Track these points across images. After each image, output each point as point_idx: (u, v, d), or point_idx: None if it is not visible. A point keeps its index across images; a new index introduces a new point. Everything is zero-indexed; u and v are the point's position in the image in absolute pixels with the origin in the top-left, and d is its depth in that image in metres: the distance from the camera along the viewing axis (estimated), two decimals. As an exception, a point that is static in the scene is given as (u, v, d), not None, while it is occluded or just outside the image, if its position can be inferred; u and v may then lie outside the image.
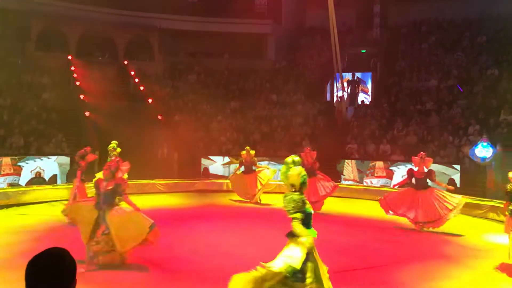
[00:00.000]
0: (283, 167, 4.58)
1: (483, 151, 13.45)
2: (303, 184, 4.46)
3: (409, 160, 15.34)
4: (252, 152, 14.01)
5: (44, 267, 1.82)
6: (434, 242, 8.99)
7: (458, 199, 9.94)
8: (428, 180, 10.31)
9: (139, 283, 6.34)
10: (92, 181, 8.96)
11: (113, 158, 11.80)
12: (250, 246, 8.39)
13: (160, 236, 7.15)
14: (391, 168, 15.38)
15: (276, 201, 14.11)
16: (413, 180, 10.37)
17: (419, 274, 6.94)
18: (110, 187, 6.99)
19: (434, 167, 14.41)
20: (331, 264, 7.43)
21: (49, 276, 1.81)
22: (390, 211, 10.40)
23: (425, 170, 10.24)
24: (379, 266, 7.40)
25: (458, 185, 13.69)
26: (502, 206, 10.98)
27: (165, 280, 6.48)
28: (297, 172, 4.46)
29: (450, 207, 9.76)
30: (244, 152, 14.02)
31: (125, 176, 7.68)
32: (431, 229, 9.86)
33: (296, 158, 4.60)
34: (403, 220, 11.17)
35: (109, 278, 6.33)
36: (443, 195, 9.98)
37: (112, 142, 11.80)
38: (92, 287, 6.05)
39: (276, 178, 16.73)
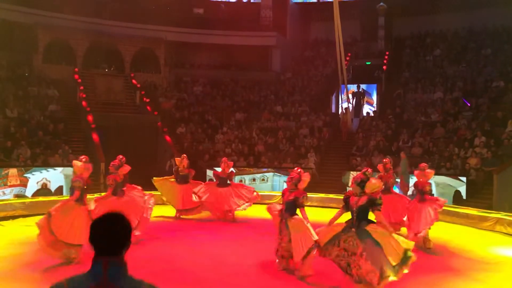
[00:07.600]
0: None
1: None
2: None
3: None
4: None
5: (106, 225, 2.14)
6: (441, 255, 8.89)
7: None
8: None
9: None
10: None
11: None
12: (254, 258, 8.34)
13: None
14: (396, 179, 15.27)
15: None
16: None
17: (425, 286, 6.86)
18: (291, 198, 7.10)
19: (440, 178, 14.41)
20: (338, 275, 7.40)
21: (109, 233, 2.12)
22: None
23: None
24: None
25: (464, 197, 13.59)
26: (509, 218, 10.93)
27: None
28: None
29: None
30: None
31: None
32: None
33: None
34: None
35: None
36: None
37: None
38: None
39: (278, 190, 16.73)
